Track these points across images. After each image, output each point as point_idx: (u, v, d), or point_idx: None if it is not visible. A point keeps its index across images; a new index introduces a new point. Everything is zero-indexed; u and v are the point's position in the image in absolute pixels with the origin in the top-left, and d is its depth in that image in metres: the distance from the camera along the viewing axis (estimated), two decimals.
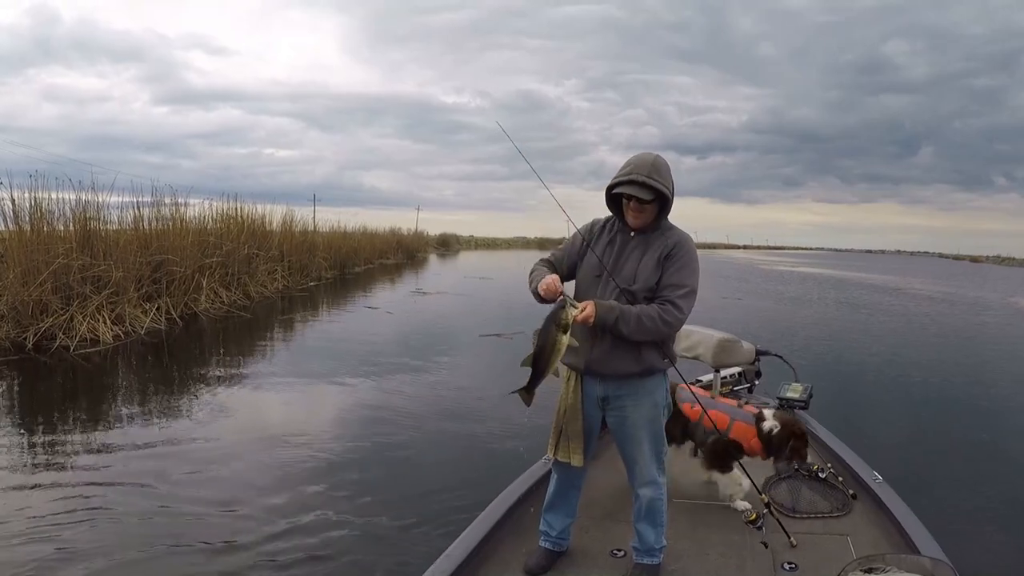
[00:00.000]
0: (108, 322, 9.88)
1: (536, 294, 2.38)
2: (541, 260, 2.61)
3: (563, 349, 2.22)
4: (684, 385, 3.04)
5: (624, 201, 2.40)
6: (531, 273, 2.52)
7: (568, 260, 2.55)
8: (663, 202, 2.38)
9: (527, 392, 2.33)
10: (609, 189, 2.42)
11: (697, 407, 3.29)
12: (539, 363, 2.26)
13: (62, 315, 9.48)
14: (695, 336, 4.08)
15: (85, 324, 9.55)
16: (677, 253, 2.35)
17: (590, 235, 2.53)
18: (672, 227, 2.46)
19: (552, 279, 2.34)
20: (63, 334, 9.23)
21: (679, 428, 3.46)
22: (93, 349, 9.02)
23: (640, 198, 2.32)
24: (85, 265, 10.12)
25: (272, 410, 6.60)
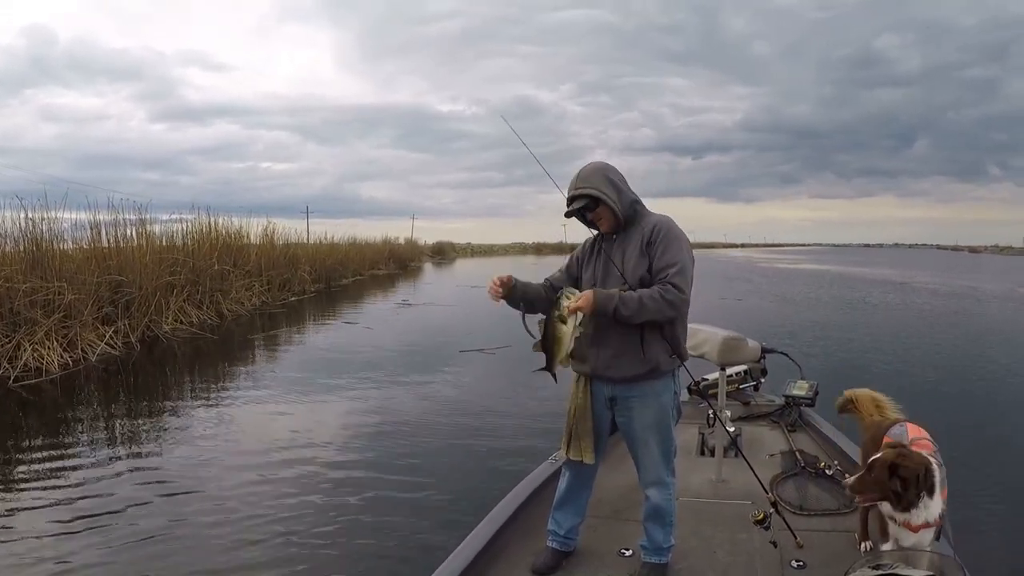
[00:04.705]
0: (58, 348, 9.19)
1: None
2: (545, 280, 2.66)
3: (564, 338, 2.30)
4: (911, 425, 2.56)
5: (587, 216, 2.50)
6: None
7: (569, 280, 2.62)
8: (621, 202, 2.42)
9: (548, 371, 2.40)
10: (567, 215, 2.50)
11: None
12: (547, 352, 2.35)
13: (8, 343, 8.79)
14: (700, 335, 3.96)
15: (30, 351, 8.85)
16: (657, 236, 2.36)
17: (583, 253, 2.62)
18: (648, 214, 2.49)
19: (497, 282, 2.43)
20: (8, 364, 8.55)
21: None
22: (38, 379, 8.31)
23: (579, 209, 2.44)
24: (34, 288, 9.44)
25: (221, 437, 6.01)
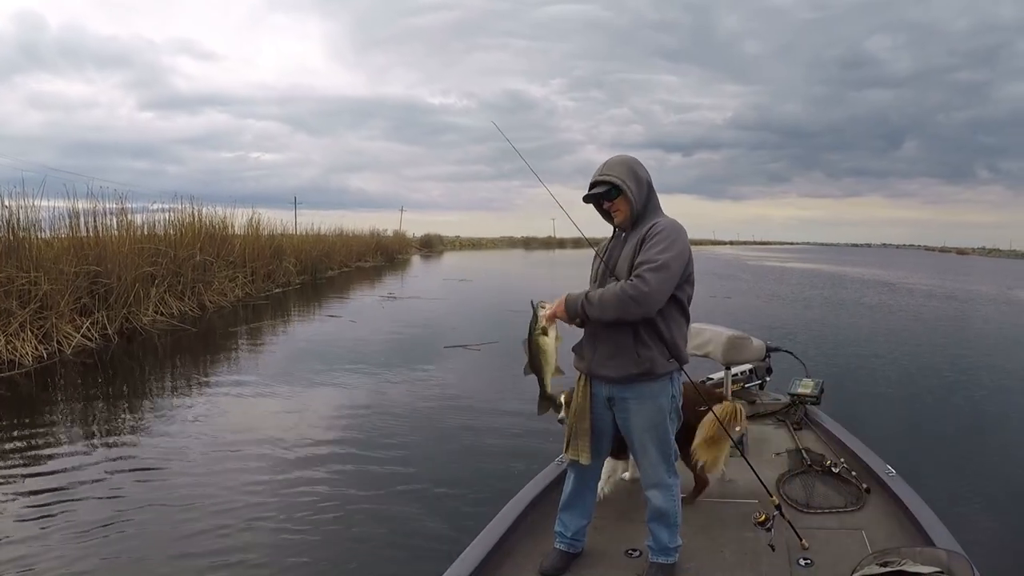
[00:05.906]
0: (33, 340, 8.98)
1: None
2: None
3: (549, 349, 2.36)
4: None
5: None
6: None
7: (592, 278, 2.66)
8: (639, 196, 2.44)
9: (543, 399, 2.48)
10: (585, 200, 2.52)
11: None
12: (535, 369, 2.42)
13: None
14: (705, 334, 4.03)
15: (4, 342, 8.64)
16: (652, 233, 2.36)
17: (601, 249, 2.63)
18: (657, 215, 2.48)
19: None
20: None
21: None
22: (11, 372, 8.11)
23: (599, 195, 2.46)
24: (9, 277, 9.21)
25: (201, 431, 5.81)
